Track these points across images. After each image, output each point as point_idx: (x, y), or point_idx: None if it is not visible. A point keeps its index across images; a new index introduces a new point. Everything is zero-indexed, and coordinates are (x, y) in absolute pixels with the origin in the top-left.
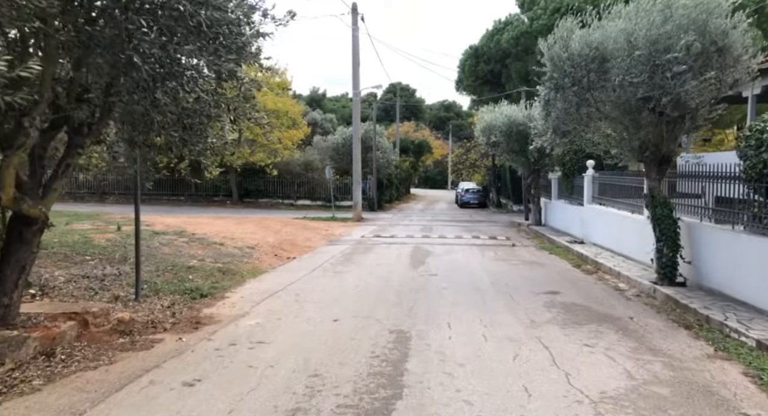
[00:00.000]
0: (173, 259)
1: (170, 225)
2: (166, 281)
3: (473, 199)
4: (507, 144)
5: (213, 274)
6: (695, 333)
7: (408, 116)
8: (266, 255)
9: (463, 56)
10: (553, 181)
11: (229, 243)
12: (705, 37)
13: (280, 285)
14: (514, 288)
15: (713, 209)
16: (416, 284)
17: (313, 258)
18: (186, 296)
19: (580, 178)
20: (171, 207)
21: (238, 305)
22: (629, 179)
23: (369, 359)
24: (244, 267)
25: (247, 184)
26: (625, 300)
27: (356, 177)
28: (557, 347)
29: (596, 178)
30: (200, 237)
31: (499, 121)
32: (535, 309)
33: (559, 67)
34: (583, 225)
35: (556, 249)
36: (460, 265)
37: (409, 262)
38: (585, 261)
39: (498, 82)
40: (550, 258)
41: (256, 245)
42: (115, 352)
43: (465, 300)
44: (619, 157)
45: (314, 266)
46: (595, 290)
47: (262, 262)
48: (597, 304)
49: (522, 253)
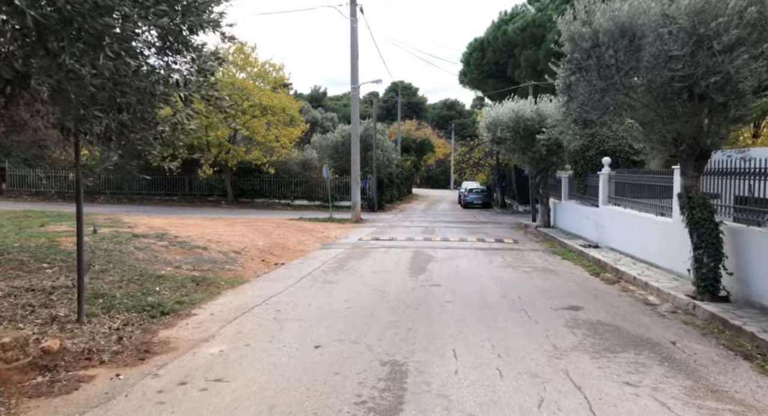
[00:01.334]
0: (145, 266)
1: (154, 227)
2: (127, 294)
3: (477, 199)
4: (514, 141)
5: (185, 285)
6: (759, 366)
7: (410, 115)
8: (252, 261)
9: (467, 48)
10: (563, 180)
11: (214, 247)
12: (763, 3)
13: (259, 299)
14: (529, 301)
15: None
16: (416, 297)
17: (303, 265)
18: (144, 314)
19: (593, 177)
20: (163, 207)
21: (204, 325)
22: (653, 177)
23: (353, 407)
24: (224, 275)
25: (243, 183)
26: (660, 317)
27: (354, 176)
28: (592, 387)
29: (613, 176)
30: (183, 241)
31: (506, 117)
32: (556, 329)
33: (581, 47)
34: (598, 228)
35: (569, 254)
36: (465, 273)
37: (409, 269)
38: (603, 268)
39: (504, 75)
40: (564, 265)
41: (243, 249)
42: (21, 399)
43: (473, 317)
44: (646, 152)
45: (303, 274)
46: (622, 304)
47: (245, 270)
48: (628, 323)
49: (532, 258)
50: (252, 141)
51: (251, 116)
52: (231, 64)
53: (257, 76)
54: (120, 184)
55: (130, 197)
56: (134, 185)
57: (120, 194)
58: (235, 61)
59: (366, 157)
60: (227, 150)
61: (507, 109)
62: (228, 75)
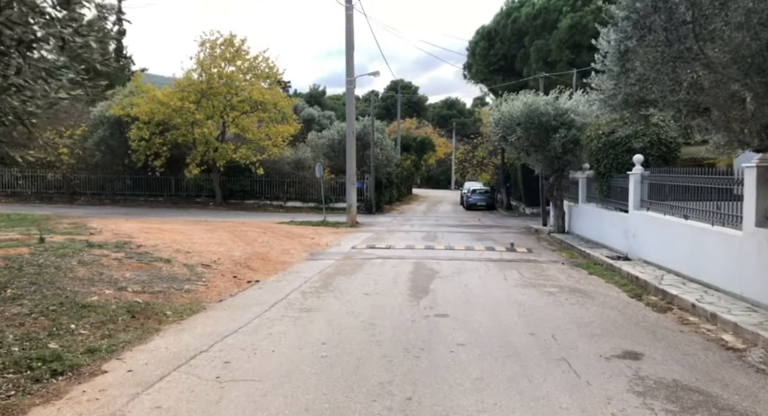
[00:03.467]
0: (78, 289)
1: (120, 233)
2: (25, 336)
3: (481, 201)
4: (526, 137)
5: (115, 318)
6: None
7: (410, 114)
8: (221, 278)
9: (473, 38)
10: (581, 181)
11: (180, 259)
12: None
13: (208, 340)
14: (568, 344)
15: None
16: (417, 335)
17: (280, 283)
18: (28, 374)
19: (621, 178)
20: (146, 209)
21: (108, 396)
22: (705, 179)
23: None
24: (177, 300)
25: (232, 183)
26: (758, 373)
27: (350, 176)
28: None
29: (646, 176)
30: (145, 251)
31: (518, 111)
32: (620, 398)
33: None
34: (628, 237)
35: (596, 267)
36: (477, 295)
37: (409, 290)
38: (645, 288)
39: (512, 68)
40: (594, 283)
41: (214, 261)
42: None
43: (497, 375)
44: (721, 145)
45: (277, 298)
46: (695, 349)
47: (209, 290)
48: (719, 386)
49: (555, 274)
50: (243, 139)
51: (241, 112)
52: (219, 57)
53: (248, 70)
54: (102, 184)
55: (113, 198)
56: (117, 186)
57: (102, 195)
58: (224, 54)
59: (364, 156)
60: (215, 148)
61: (519, 102)
62: (216, 67)
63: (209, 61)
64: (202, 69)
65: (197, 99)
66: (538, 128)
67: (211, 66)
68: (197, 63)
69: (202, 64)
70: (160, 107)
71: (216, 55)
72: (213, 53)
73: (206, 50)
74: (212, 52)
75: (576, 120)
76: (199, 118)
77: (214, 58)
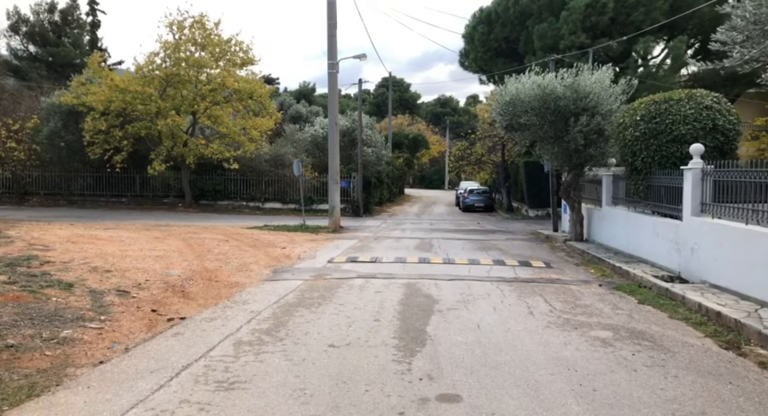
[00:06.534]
0: None
1: (36, 244)
2: None
3: (479, 202)
4: (540, 126)
5: None
6: None
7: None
8: (133, 314)
9: (471, 21)
10: (605, 179)
11: (91, 281)
12: None
13: None
14: None
15: None
16: None
17: (212, 324)
18: None
19: (669, 175)
20: (105, 211)
21: None
22: None
23: None
24: (30, 363)
25: (204, 182)
26: None
27: (332, 174)
28: None
29: (709, 172)
30: (45, 272)
31: (529, 94)
32: None
33: None
34: (682, 251)
35: (642, 291)
36: (498, 348)
37: (396, 338)
38: (739, 332)
39: (514, 54)
40: (654, 319)
41: (140, 284)
42: None
43: None
44: None
45: (193, 355)
46: None
47: (99, 338)
48: None
49: (594, 302)
50: (216, 133)
51: (212, 102)
52: (187, 40)
53: (220, 55)
54: (59, 183)
55: (70, 199)
56: (76, 185)
57: (58, 195)
58: (194, 37)
59: (352, 154)
60: (184, 142)
61: (531, 83)
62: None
63: (176, 44)
64: (167, 53)
65: (162, 86)
66: (554, 114)
67: (179, 50)
68: (161, 45)
69: (167, 46)
70: (118, 95)
71: (184, 38)
72: (182, 35)
73: (174, 33)
74: (180, 33)
75: (601, 104)
76: (163, 107)
77: (182, 41)
